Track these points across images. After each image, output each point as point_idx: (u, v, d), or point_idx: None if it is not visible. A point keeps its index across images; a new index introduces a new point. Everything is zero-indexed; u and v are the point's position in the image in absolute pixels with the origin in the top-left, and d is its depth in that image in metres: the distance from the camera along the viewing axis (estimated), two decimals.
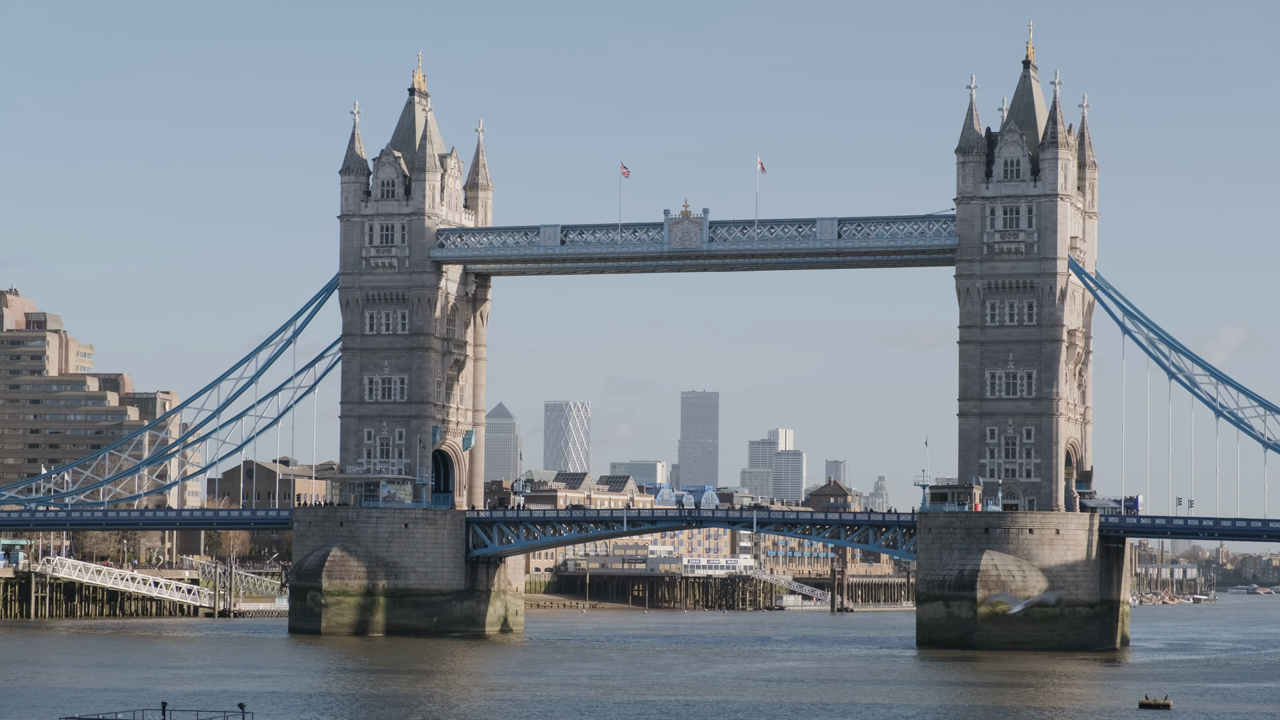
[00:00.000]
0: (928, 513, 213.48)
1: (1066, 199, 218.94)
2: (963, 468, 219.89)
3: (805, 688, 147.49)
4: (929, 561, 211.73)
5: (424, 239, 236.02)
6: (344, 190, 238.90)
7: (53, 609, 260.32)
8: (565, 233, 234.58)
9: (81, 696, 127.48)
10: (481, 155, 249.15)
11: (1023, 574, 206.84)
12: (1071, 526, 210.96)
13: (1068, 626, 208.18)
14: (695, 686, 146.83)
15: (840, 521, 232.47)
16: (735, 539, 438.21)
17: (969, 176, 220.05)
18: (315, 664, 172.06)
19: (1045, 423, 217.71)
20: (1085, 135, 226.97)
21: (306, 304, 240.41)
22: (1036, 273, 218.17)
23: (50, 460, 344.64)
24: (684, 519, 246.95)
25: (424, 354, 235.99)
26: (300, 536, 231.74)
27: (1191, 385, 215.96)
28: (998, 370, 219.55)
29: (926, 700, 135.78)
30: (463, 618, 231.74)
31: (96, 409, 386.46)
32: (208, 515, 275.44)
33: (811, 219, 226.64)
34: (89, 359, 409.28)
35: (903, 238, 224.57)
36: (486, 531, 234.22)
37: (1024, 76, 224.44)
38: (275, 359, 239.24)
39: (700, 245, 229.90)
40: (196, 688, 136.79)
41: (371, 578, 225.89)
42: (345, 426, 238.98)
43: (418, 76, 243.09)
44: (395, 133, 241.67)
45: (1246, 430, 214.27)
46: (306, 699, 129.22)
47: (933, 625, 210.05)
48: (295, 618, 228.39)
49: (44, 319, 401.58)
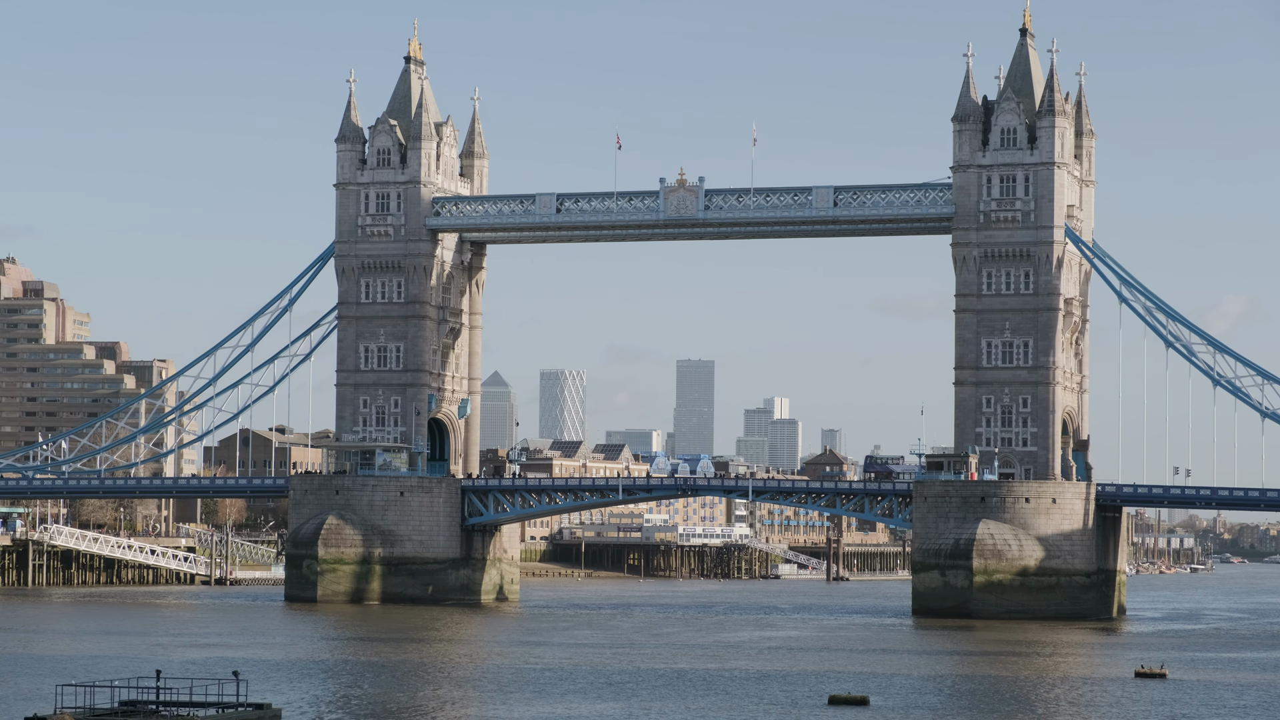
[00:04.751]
0: (924, 481, 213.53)
1: (1063, 167, 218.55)
2: (959, 436, 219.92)
3: (805, 656, 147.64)
4: (925, 530, 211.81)
5: (419, 207, 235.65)
6: (340, 159, 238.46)
7: (50, 577, 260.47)
8: (561, 201, 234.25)
9: (77, 664, 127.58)
10: (477, 123, 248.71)
11: (1019, 543, 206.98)
12: (1068, 496, 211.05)
13: (1064, 596, 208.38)
14: (693, 654, 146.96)
15: (836, 490, 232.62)
16: (731, 507, 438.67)
17: (965, 145, 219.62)
18: (311, 632, 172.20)
19: (1042, 391, 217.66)
20: (1082, 103, 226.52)
21: (302, 272, 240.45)
22: (1033, 241, 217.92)
23: (47, 428, 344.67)
24: (679, 487, 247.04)
25: (419, 322, 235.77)
26: (296, 504, 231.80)
27: (1189, 354, 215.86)
28: (994, 339, 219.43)
29: (924, 670, 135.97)
30: (458, 586, 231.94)
31: (93, 377, 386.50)
32: (204, 483, 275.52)
33: (807, 187, 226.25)
34: (86, 327, 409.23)
35: (899, 206, 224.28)
36: (482, 500, 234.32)
37: (1021, 45, 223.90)
38: (271, 327, 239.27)
39: (696, 213, 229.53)
40: (192, 655, 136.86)
41: (367, 546, 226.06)
42: (341, 395, 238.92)
43: (414, 45, 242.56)
44: (391, 101, 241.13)
45: (1244, 399, 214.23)
46: (302, 667, 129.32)
47: (928, 594, 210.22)
48: (291, 586, 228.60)
49: (41, 287, 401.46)
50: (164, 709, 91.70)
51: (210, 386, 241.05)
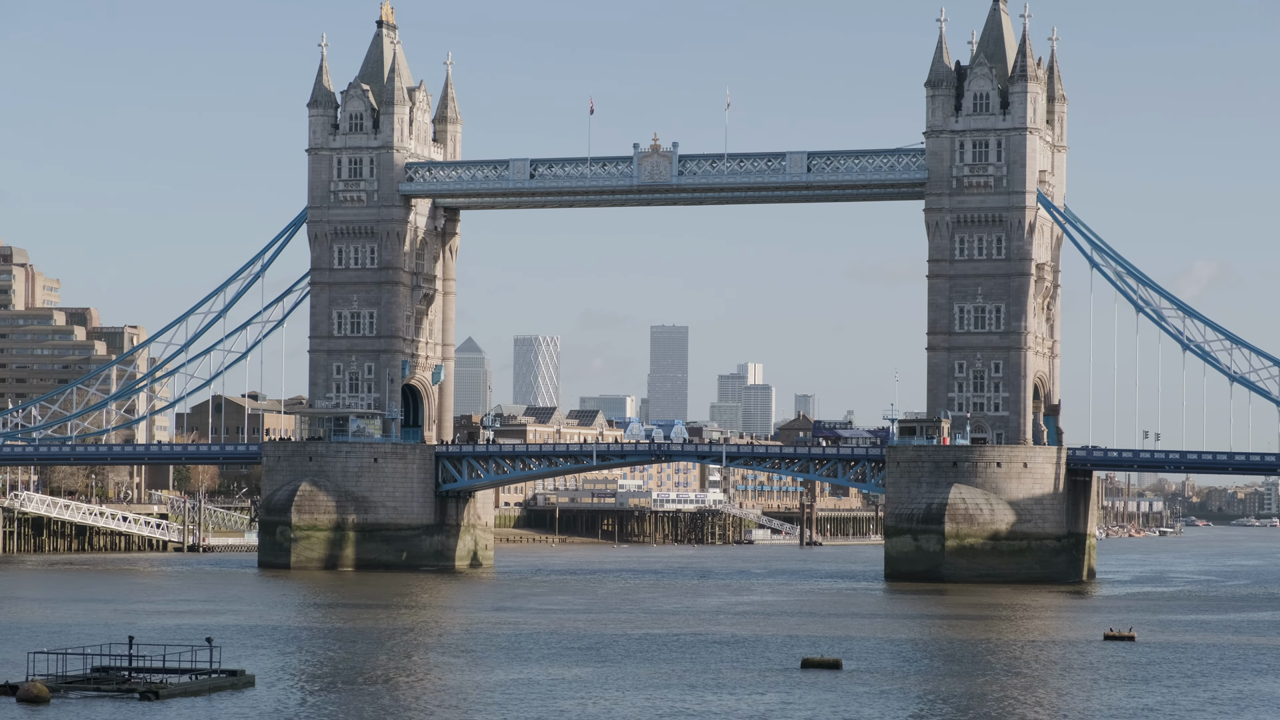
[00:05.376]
0: (896, 446, 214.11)
1: (1035, 133, 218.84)
2: (931, 401, 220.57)
3: (778, 621, 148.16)
4: (897, 495, 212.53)
5: (392, 172, 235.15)
6: (312, 124, 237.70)
7: (21, 544, 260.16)
8: (534, 166, 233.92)
9: (49, 631, 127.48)
10: (450, 89, 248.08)
11: (990, 507, 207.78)
12: (1039, 460, 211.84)
13: (1035, 559, 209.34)
14: (667, 619, 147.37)
15: (809, 455, 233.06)
16: (704, 473, 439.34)
17: (938, 110, 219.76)
18: (285, 598, 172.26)
19: (1014, 356, 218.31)
20: (1055, 69, 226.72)
21: (275, 238, 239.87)
22: (1005, 206, 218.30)
23: (17, 395, 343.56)
24: (653, 453, 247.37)
25: (393, 288, 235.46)
26: (269, 471, 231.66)
27: (1159, 319, 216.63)
28: (966, 304, 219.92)
29: (896, 633, 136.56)
30: (432, 552, 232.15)
31: (64, 343, 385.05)
32: (176, 450, 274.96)
33: (781, 153, 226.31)
34: (55, 293, 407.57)
35: (872, 171, 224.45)
36: (456, 466, 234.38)
37: (993, 10, 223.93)
38: (244, 293, 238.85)
39: (670, 179, 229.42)
40: (165, 622, 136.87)
41: (341, 512, 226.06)
42: (314, 361, 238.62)
43: (386, 9, 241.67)
44: (363, 66, 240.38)
45: (1213, 364, 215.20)
46: (276, 633, 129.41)
47: (901, 559, 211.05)
48: (265, 552, 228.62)
49: (10, 253, 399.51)
50: (136, 675, 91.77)
51: (182, 353, 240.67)
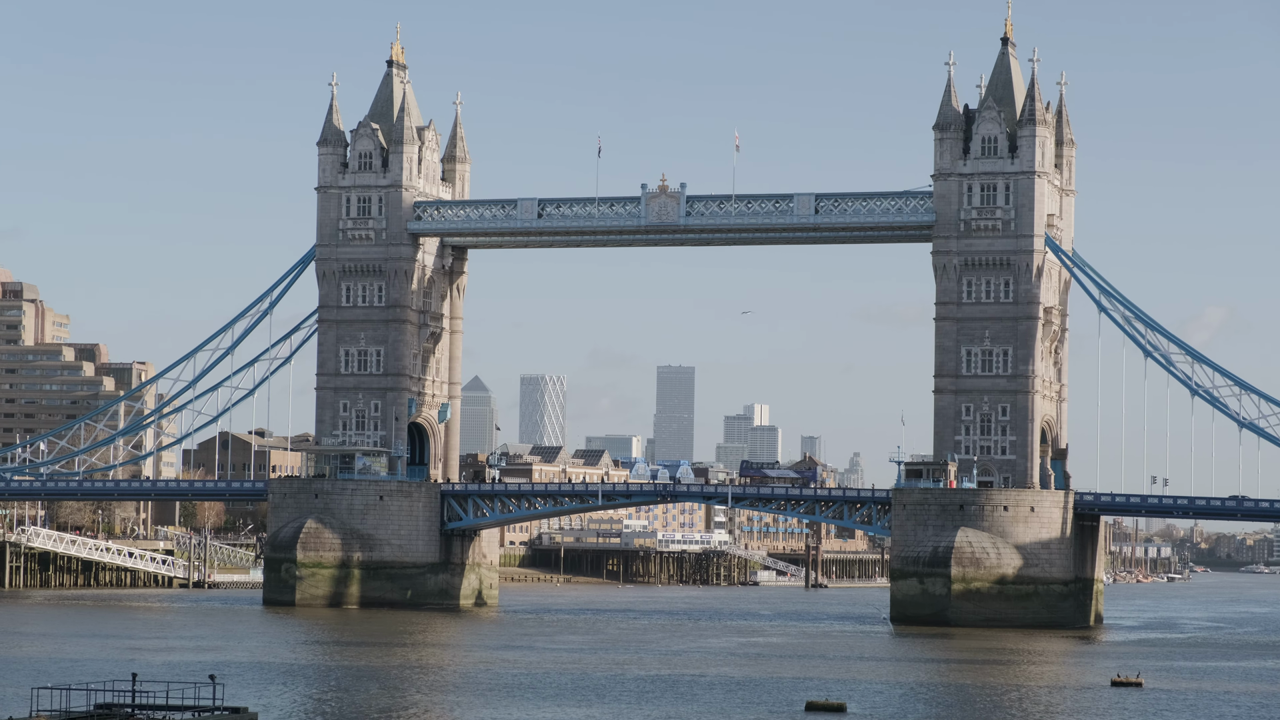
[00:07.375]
0: (903, 489, 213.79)
1: (1044, 176, 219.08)
2: (938, 445, 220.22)
3: (783, 663, 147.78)
4: (904, 538, 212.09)
5: (401, 211, 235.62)
6: (321, 162, 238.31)
7: (27, 579, 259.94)
8: (542, 206, 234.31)
9: (53, 666, 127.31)
10: (459, 128, 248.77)
11: (997, 551, 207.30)
12: (1046, 504, 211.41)
13: (1041, 604, 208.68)
14: (672, 660, 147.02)
15: (815, 497, 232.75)
16: (710, 514, 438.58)
17: (946, 153, 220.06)
18: (289, 636, 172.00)
19: (1021, 400, 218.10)
20: (1063, 113, 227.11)
21: (283, 275, 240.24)
22: (1013, 250, 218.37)
23: (25, 430, 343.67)
24: (659, 493, 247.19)
25: (400, 326, 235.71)
26: (275, 508, 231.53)
27: (1167, 364, 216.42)
28: (974, 347, 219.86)
29: (901, 677, 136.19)
30: (437, 590, 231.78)
31: (72, 379, 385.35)
32: (183, 486, 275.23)
33: (789, 194, 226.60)
34: (65, 329, 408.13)
35: (880, 214, 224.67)
36: (461, 504, 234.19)
37: (1002, 53, 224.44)
38: (251, 330, 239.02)
39: (677, 220, 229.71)
40: (169, 658, 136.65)
41: (346, 550, 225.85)
42: (321, 398, 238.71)
43: (396, 48, 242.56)
44: (373, 105, 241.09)
45: (1222, 409, 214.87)
46: (280, 670, 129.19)
47: (907, 602, 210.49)
48: (270, 589, 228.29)
49: (20, 288, 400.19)
50: (140, 712, 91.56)
51: (190, 389, 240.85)
